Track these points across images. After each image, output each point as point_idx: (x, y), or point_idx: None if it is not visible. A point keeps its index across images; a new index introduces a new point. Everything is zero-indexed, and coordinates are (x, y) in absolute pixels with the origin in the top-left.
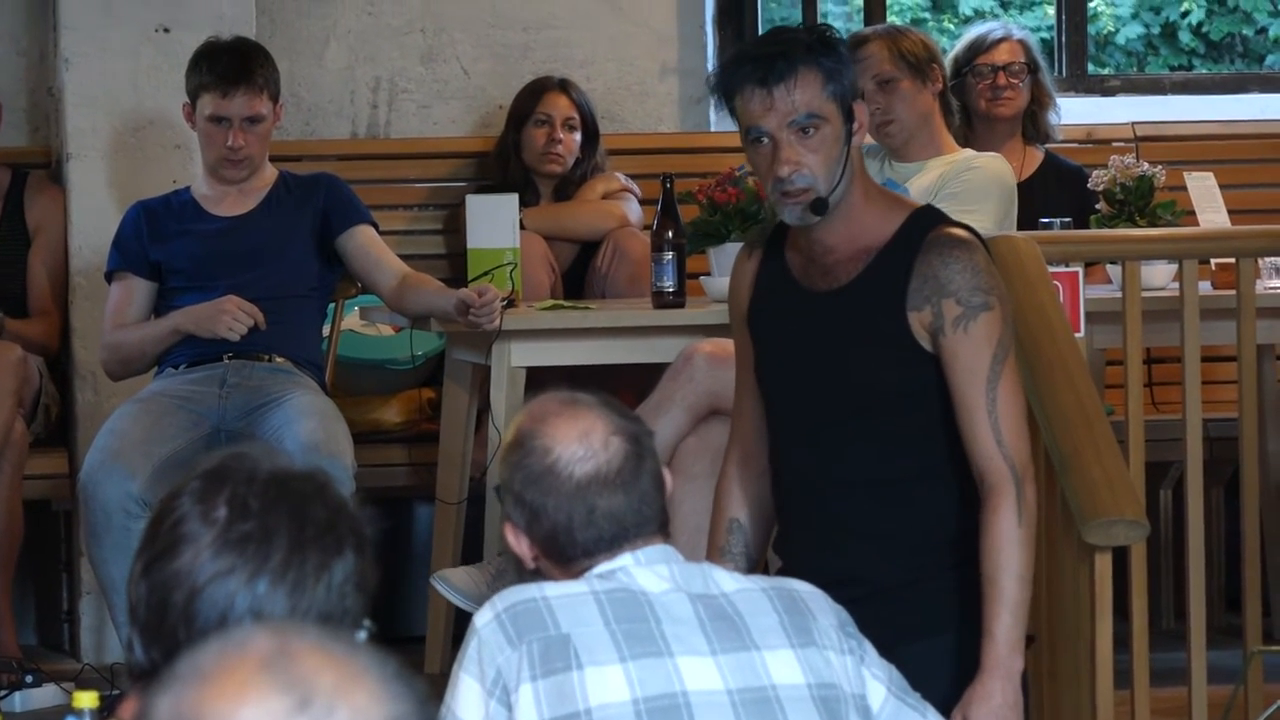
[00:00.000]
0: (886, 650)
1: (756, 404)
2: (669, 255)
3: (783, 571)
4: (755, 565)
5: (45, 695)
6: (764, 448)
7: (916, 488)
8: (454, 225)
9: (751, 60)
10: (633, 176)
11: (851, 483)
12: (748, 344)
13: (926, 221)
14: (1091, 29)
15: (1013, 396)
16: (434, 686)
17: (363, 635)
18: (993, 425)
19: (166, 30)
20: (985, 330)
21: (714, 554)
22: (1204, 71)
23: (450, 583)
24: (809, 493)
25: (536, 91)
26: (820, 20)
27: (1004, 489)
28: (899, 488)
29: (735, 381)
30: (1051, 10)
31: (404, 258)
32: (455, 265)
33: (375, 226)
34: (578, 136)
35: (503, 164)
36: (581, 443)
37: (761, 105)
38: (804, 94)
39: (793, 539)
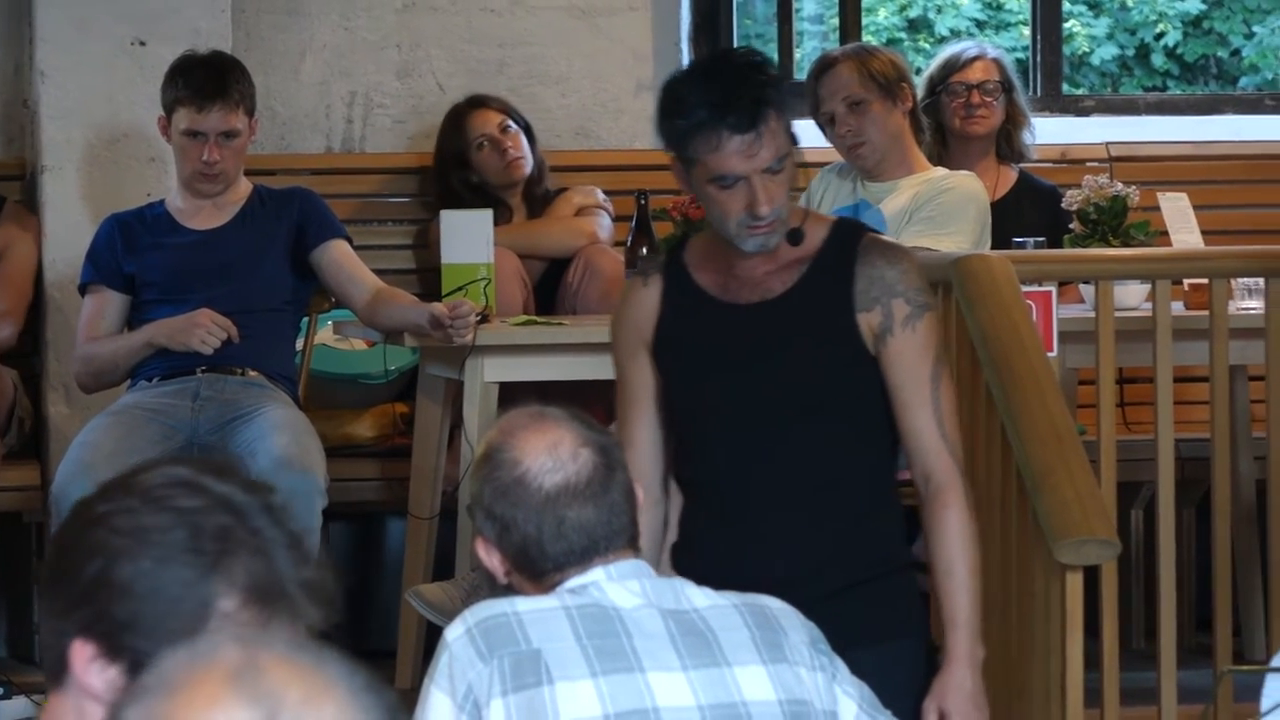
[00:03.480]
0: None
1: (653, 435)
2: None
3: (722, 587)
4: None
5: (15, 707)
6: (659, 477)
7: (860, 489)
8: (426, 240)
9: (732, 111)
10: (607, 193)
11: (797, 488)
12: (648, 373)
13: (852, 230)
14: (1066, 49)
15: (952, 395)
16: (404, 701)
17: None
18: (938, 423)
19: (142, 43)
20: (928, 330)
21: None
22: (1178, 92)
23: (424, 598)
24: (747, 503)
25: (457, 121)
26: (795, 38)
27: (954, 484)
28: (843, 490)
29: (623, 416)
30: (1027, 30)
31: (378, 272)
32: (429, 280)
33: (349, 241)
34: (520, 134)
35: (456, 203)
36: (550, 454)
37: (744, 156)
38: (776, 139)
39: (731, 552)
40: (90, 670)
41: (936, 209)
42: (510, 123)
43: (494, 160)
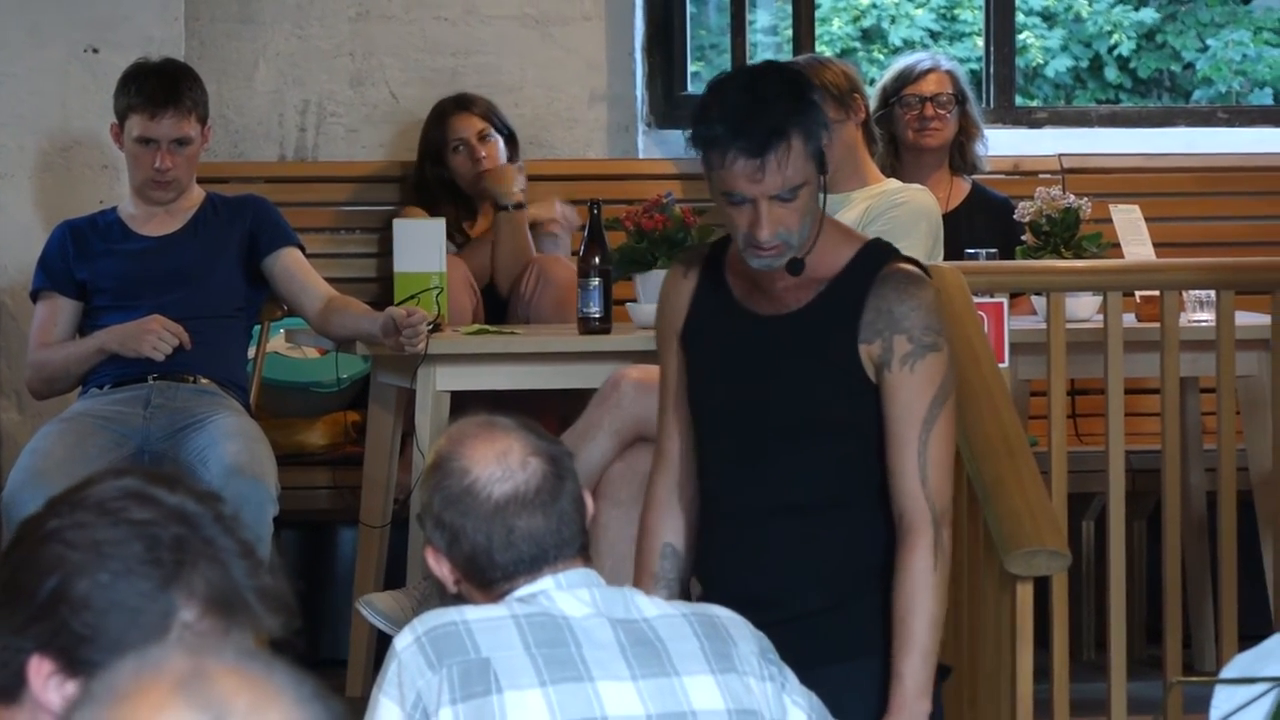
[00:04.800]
0: (807, 670)
1: (686, 426)
2: (595, 281)
3: (705, 595)
4: (685, 591)
5: None
6: (693, 471)
7: (848, 513)
8: (384, 249)
9: (744, 135)
10: (560, 203)
11: (784, 506)
12: (679, 363)
13: (880, 255)
14: (1020, 61)
15: (945, 441)
16: (355, 710)
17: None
18: (920, 465)
19: (95, 51)
20: (930, 371)
21: (645, 579)
22: (1131, 105)
23: (375, 607)
24: (740, 514)
25: (440, 118)
26: (749, 49)
27: (923, 530)
28: (831, 513)
29: (660, 403)
30: (980, 42)
31: (331, 280)
32: (382, 289)
33: (302, 249)
34: (499, 143)
35: (428, 196)
36: (499, 463)
37: (749, 179)
38: (792, 168)
39: (718, 561)
40: (48, 686)
41: (889, 223)
42: (491, 130)
43: (467, 166)
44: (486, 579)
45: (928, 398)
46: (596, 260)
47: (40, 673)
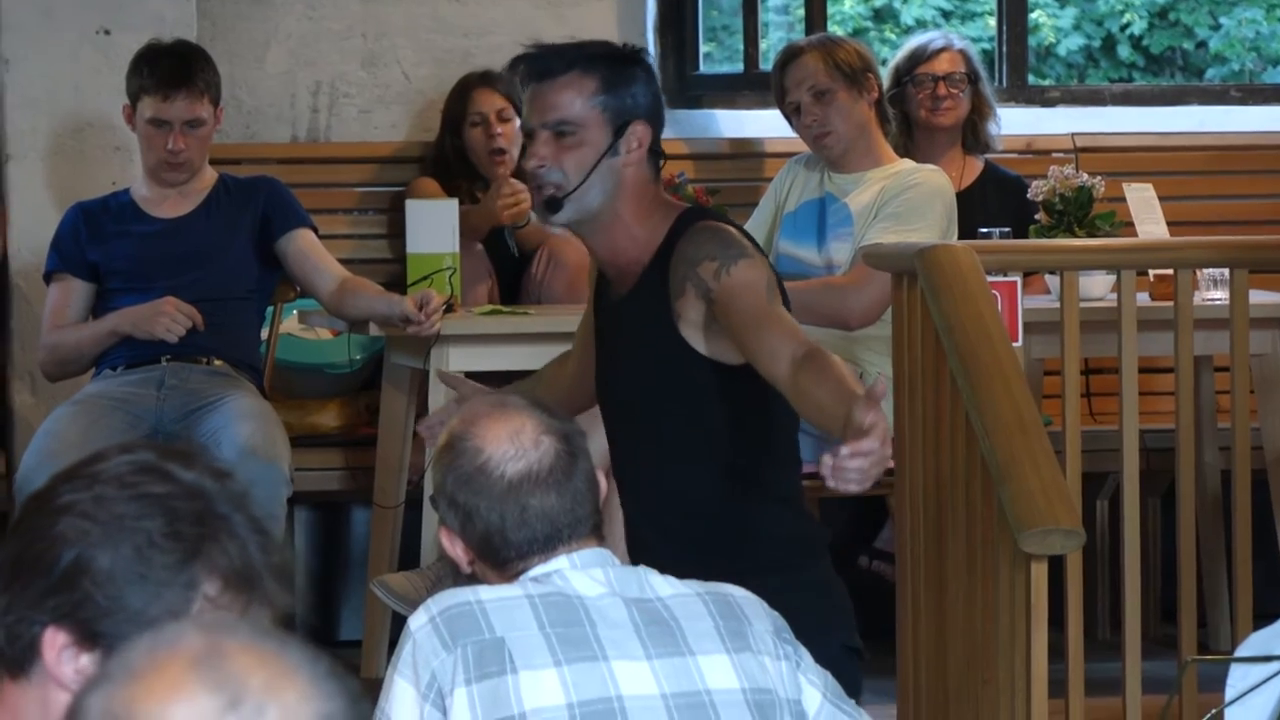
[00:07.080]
0: None
1: (581, 366)
2: None
3: None
4: None
5: None
6: (579, 394)
7: (705, 500)
8: (397, 230)
9: (529, 58)
10: None
11: (643, 495)
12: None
13: (685, 223)
14: (1032, 40)
15: (795, 323)
16: (371, 690)
17: None
18: (790, 332)
19: (107, 32)
20: (746, 270)
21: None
22: (1144, 84)
23: (390, 588)
24: (624, 495)
25: (464, 91)
26: (761, 29)
27: (822, 350)
28: (686, 500)
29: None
30: (993, 21)
31: (344, 262)
32: (396, 270)
33: (315, 230)
34: (516, 124)
35: (443, 169)
36: (512, 442)
37: (529, 103)
38: (564, 98)
39: (633, 546)
40: (62, 658)
41: (902, 205)
42: (511, 110)
43: (481, 143)
44: (500, 558)
45: (762, 289)
46: None
47: (55, 645)
